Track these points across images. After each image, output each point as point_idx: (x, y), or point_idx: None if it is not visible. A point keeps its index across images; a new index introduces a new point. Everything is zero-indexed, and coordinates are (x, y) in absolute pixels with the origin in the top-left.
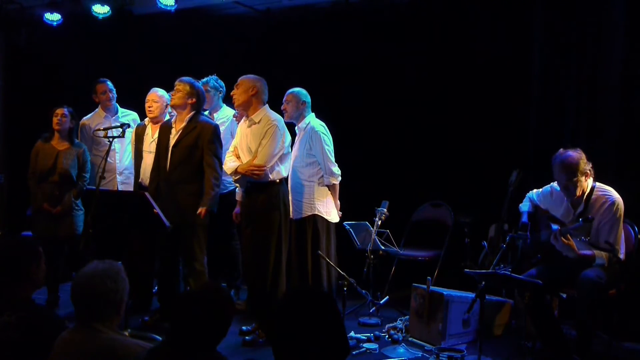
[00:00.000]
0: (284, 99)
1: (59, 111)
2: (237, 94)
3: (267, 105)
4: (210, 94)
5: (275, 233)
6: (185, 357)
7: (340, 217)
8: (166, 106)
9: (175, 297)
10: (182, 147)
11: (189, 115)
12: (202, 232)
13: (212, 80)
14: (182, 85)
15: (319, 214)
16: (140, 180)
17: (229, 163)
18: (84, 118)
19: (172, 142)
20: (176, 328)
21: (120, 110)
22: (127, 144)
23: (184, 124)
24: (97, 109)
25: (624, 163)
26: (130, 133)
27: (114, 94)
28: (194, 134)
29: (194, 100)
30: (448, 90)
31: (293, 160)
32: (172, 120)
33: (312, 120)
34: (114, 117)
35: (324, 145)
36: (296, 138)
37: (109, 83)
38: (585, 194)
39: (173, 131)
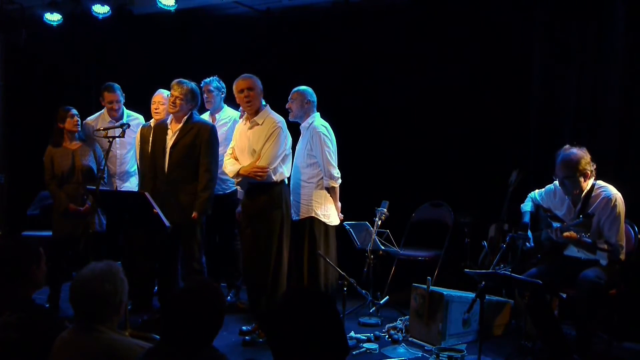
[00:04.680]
0: (289, 97)
1: (72, 113)
2: (252, 97)
3: (267, 105)
4: (212, 95)
5: (277, 233)
6: (182, 356)
7: (341, 220)
8: None
9: (167, 296)
10: (181, 147)
11: (186, 116)
12: (199, 232)
13: (215, 81)
14: (181, 90)
15: (316, 216)
16: None
17: (230, 166)
18: (89, 118)
19: (169, 143)
20: (168, 326)
21: (127, 112)
22: (127, 146)
23: (180, 124)
24: (102, 111)
25: (624, 163)
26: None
27: (121, 104)
28: (192, 134)
29: (194, 104)
30: (448, 90)
31: (295, 160)
32: (168, 121)
33: (315, 120)
34: (119, 122)
35: (324, 147)
36: (300, 137)
37: (119, 92)
38: (585, 192)
39: (169, 132)
